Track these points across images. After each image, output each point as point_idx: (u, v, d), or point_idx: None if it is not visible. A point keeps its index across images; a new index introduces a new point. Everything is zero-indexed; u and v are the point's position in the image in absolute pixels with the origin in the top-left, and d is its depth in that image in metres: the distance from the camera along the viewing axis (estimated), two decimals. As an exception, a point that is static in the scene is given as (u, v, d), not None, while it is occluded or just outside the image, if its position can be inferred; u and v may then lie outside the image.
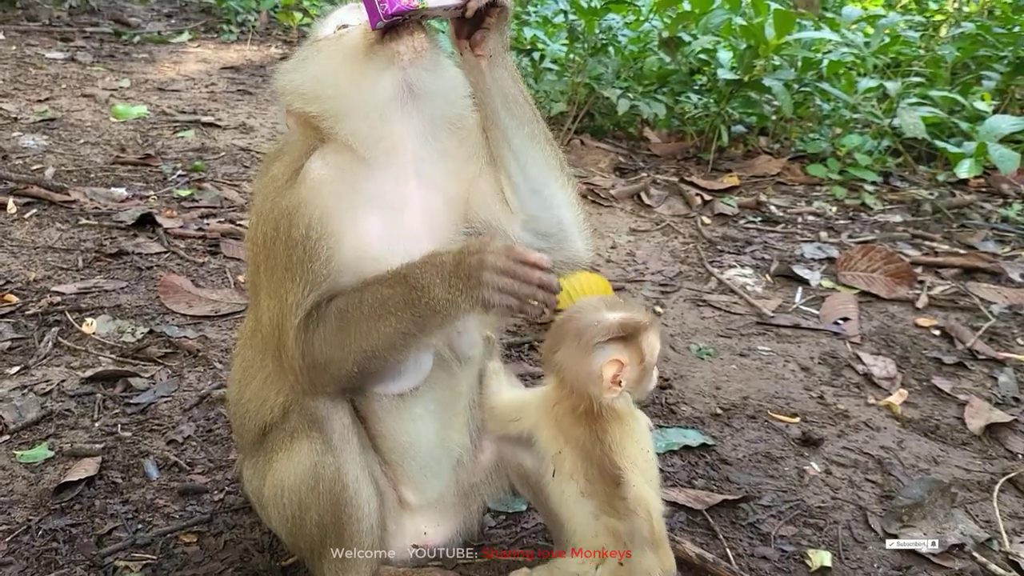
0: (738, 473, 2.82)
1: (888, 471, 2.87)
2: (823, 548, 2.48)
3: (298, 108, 1.91)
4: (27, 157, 5.17)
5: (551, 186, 1.98)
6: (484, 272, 1.70)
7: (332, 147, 1.89)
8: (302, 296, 1.83)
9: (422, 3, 1.74)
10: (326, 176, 1.87)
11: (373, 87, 1.83)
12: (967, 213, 5.40)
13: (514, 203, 1.97)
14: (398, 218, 1.91)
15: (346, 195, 1.87)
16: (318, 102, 1.87)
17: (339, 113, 1.86)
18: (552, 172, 1.98)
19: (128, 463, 2.67)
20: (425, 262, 1.77)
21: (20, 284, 3.68)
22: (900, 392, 3.35)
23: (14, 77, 6.89)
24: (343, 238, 1.86)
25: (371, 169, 1.89)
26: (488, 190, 1.98)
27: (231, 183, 5.15)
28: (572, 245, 2.02)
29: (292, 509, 1.94)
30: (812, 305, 4.11)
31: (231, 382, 2.14)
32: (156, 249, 4.15)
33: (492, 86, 1.89)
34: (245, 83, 7.59)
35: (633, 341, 1.83)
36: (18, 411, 2.85)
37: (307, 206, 1.84)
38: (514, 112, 1.93)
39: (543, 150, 1.97)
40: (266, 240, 1.91)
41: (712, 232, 5.03)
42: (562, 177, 2.00)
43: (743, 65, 5.84)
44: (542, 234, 1.99)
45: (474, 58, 1.86)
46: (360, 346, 1.80)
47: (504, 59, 1.89)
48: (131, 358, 3.24)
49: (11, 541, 2.32)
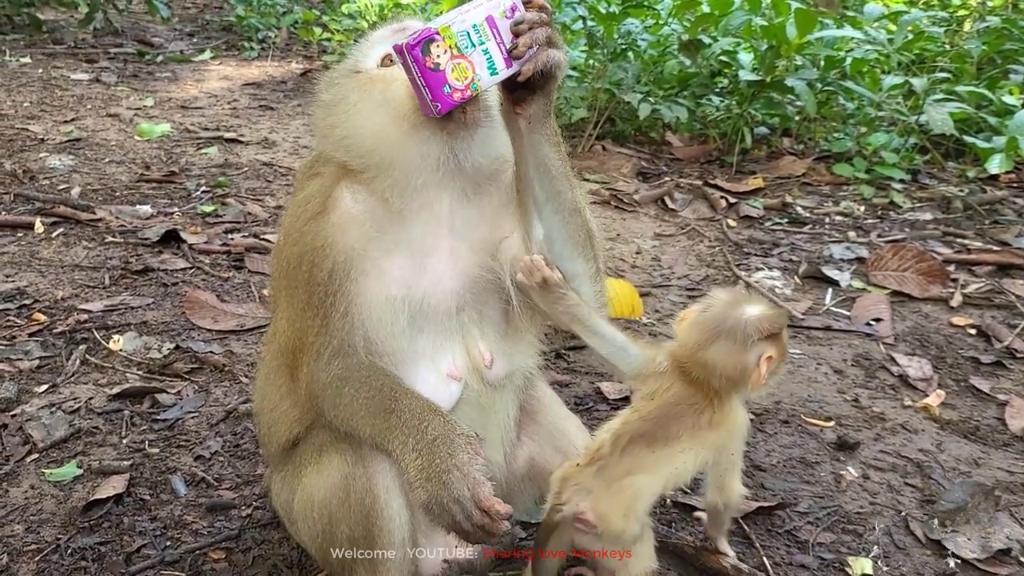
0: (773, 479, 2.76)
1: (928, 475, 2.80)
2: (863, 555, 2.41)
3: (336, 156, 1.90)
4: (54, 177, 5.22)
5: (574, 261, 1.96)
6: (446, 491, 1.70)
7: (364, 183, 1.88)
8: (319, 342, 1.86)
9: (475, 88, 1.70)
10: (355, 214, 1.87)
11: (419, 154, 1.82)
12: (999, 209, 5.29)
13: None
14: (424, 261, 1.91)
15: (374, 238, 1.87)
16: (358, 155, 1.86)
17: (379, 168, 1.85)
18: (576, 247, 1.95)
19: (156, 480, 2.67)
20: (421, 419, 1.78)
21: (48, 303, 3.70)
22: (937, 393, 3.27)
23: (40, 99, 6.98)
24: (366, 280, 1.87)
25: (403, 217, 1.88)
26: (517, 241, 1.95)
27: (254, 198, 5.17)
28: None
29: (322, 523, 1.91)
30: (843, 306, 4.04)
31: (256, 392, 2.13)
32: (181, 265, 4.16)
33: (528, 149, 1.85)
34: (267, 99, 7.64)
35: (778, 337, 1.95)
36: (47, 429, 2.85)
37: (332, 247, 1.84)
38: (545, 182, 1.88)
39: (570, 222, 1.93)
40: (290, 267, 1.92)
41: (738, 235, 4.96)
42: (587, 249, 1.96)
43: (765, 66, 5.77)
44: None
45: (514, 117, 1.81)
46: (344, 418, 1.86)
47: (544, 124, 1.83)
48: (158, 374, 3.24)
49: (40, 560, 2.31)
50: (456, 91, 1.69)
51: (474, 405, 1.99)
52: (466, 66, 1.68)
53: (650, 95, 6.14)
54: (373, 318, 1.86)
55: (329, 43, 9.36)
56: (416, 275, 1.89)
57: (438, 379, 1.93)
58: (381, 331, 1.87)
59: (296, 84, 8.20)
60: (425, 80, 1.67)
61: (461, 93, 1.69)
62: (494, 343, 2.00)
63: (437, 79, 1.67)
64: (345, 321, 1.84)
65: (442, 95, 1.68)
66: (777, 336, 1.95)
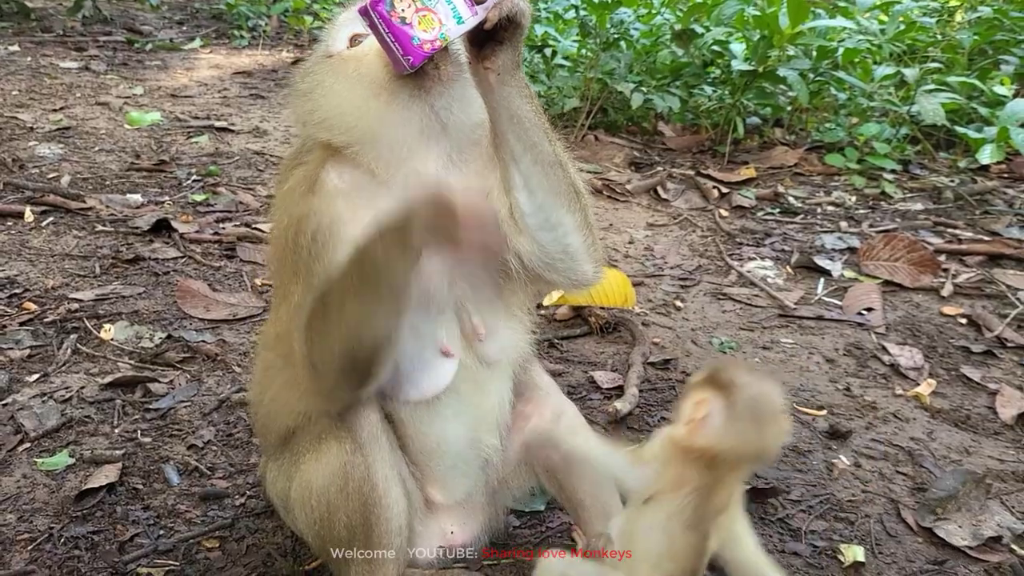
0: (765, 468, 2.77)
1: (919, 463, 2.82)
2: (855, 543, 2.43)
3: (320, 137, 1.89)
4: (43, 166, 5.18)
5: (558, 213, 1.89)
6: (414, 221, 1.62)
7: (349, 160, 1.88)
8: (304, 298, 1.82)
9: (444, 38, 1.69)
10: (342, 189, 1.87)
11: (402, 122, 1.81)
12: (990, 199, 5.31)
13: (522, 225, 1.90)
14: None
15: (360, 209, 1.85)
16: (343, 135, 1.85)
17: (363, 143, 1.84)
18: (559, 198, 1.88)
19: (149, 469, 2.66)
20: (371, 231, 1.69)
21: (38, 292, 3.68)
22: (928, 382, 3.29)
23: (29, 87, 6.92)
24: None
25: (389, 188, 1.87)
26: (501, 202, 1.91)
27: (246, 187, 5.14)
28: (579, 269, 1.96)
29: (320, 511, 1.91)
30: (835, 296, 4.05)
31: (253, 384, 2.12)
32: (172, 254, 4.14)
33: (500, 104, 1.80)
34: (258, 87, 7.59)
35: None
36: (38, 419, 2.84)
37: (317, 214, 1.84)
38: (520, 133, 1.83)
39: (551, 174, 1.87)
40: (278, 247, 1.93)
41: (730, 225, 4.97)
42: (572, 201, 1.91)
43: (757, 56, 5.77)
44: (548, 256, 1.93)
45: (483, 71, 1.77)
46: (340, 332, 1.75)
47: (515, 76, 1.80)
48: (150, 363, 3.22)
49: (33, 549, 2.30)
50: (426, 43, 1.69)
51: (470, 383, 1.98)
52: (432, 18, 1.68)
53: (643, 85, 6.13)
54: None
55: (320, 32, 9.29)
56: None
57: (433, 355, 1.93)
58: None
59: (287, 73, 8.13)
60: (394, 35, 1.68)
61: (431, 44, 1.69)
62: (487, 317, 1.98)
63: (405, 34, 1.68)
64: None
65: (413, 48, 1.69)
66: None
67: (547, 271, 1.94)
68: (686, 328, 3.73)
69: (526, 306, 2.11)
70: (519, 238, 1.91)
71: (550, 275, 1.96)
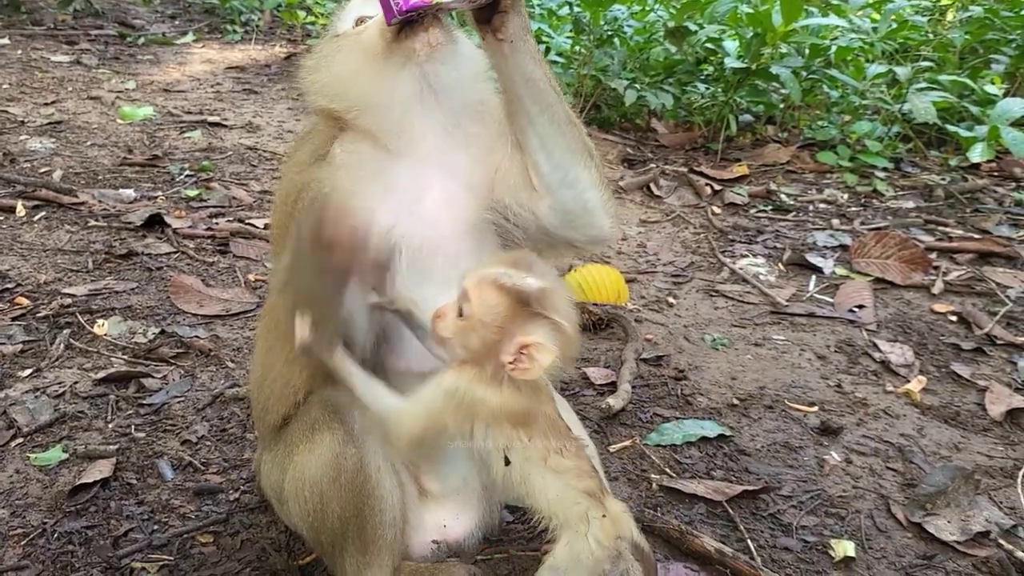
0: (757, 464, 2.79)
1: (909, 459, 2.84)
2: (846, 538, 2.45)
3: (323, 105, 2.00)
4: (35, 160, 5.16)
5: (575, 169, 1.98)
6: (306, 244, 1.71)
7: (354, 135, 1.98)
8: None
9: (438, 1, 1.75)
10: (346, 162, 1.95)
11: (392, 86, 1.89)
12: (980, 198, 5.35)
13: (539, 185, 1.98)
14: (416, 206, 1.94)
15: (364, 181, 1.93)
16: (341, 100, 1.96)
17: (362, 108, 1.94)
18: (576, 154, 1.98)
19: (143, 464, 2.66)
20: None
21: (31, 287, 3.67)
22: (918, 379, 3.31)
23: (20, 81, 6.89)
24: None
25: (392, 158, 1.95)
26: (513, 173, 1.98)
27: (239, 182, 5.13)
28: (598, 224, 2.04)
29: (313, 502, 1.92)
30: (826, 293, 4.07)
31: (253, 365, 2.13)
32: (165, 249, 4.14)
33: (514, 71, 1.88)
34: (251, 82, 7.57)
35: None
36: (31, 414, 2.84)
37: (318, 184, 1.92)
38: (536, 96, 1.91)
39: (566, 133, 1.96)
40: (278, 215, 2.02)
41: (723, 222, 4.99)
42: (586, 158, 2.00)
43: (750, 53, 5.79)
44: (569, 214, 2.00)
45: (496, 42, 1.85)
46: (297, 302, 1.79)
47: (526, 42, 1.87)
48: (143, 359, 3.22)
49: (27, 544, 2.30)
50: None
51: None
52: None
53: (636, 82, 6.14)
54: None
55: (313, 27, 9.28)
56: (411, 219, 1.92)
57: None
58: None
59: (280, 68, 8.13)
60: None
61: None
62: None
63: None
64: None
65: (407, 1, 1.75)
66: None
67: (568, 229, 2.02)
68: (679, 325, 3.75)
69: None
70: (538, 202, 1.99)
71: (570, 233, 2.04)
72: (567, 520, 1.72)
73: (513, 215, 2.01)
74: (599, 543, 1.70)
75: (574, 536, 1.71)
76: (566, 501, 1.73)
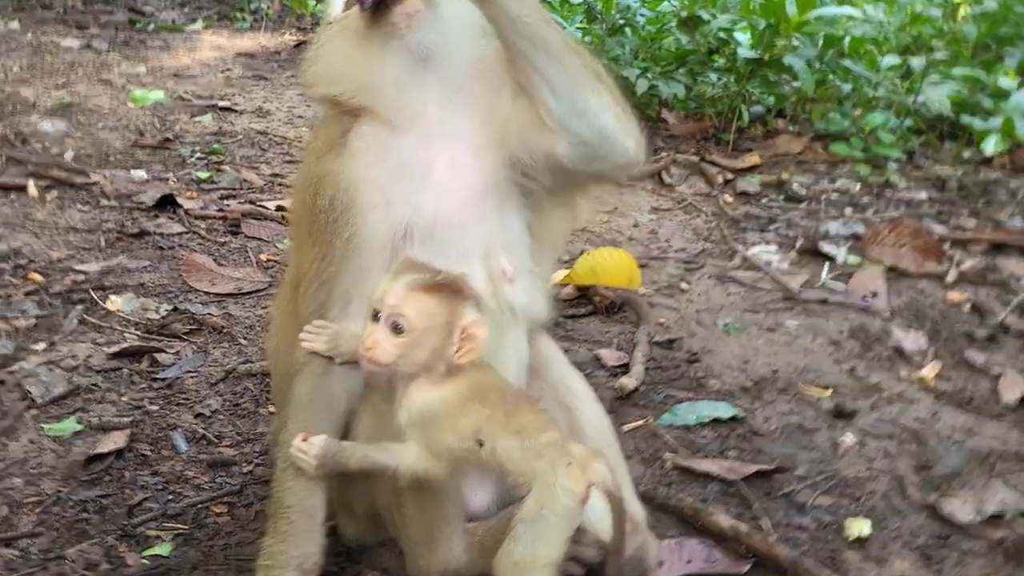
0: (771, 445, 2.79)
1: (924, 442, 2.83)
2: (861, 517, 2.43)
3: (324, 93, 2.01)
4: (46, 141, 5.16)
5: (583, 96, 1.86)
6: None
7: (364, 119, 1.95)
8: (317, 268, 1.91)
9: None
10: (357, 148, 1.93)
11: (381, 64, 1.89)
12: (993, 190, 5.32)
13: (552, 124, 1.87)
14: (425, 179, 1.92)
15: (375, 166, 1.91)
16: (338, 85, 1.96)
17: (359, 91, 1.93)
18: (580, 82, 1.87)
19: (156, 436, 2.66)
20: None
21: (43, 263, 3.67)
22: (932, 365, 3.30)
23: (31, 64, 6.88)
24: (372, 210, 1.90)
25: (398, 135, 1.92)
26: (525, 120, 1.90)
27: (250, 165, 5.14)
28: (620, 147, 1.92)
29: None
30: (839, 281, 4.06)
31: (270, 334, 2.14)
32: (177, 229, 4.14)
33: (498, 14, 1.80)
34: (260, 69, 7.57)
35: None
36: (45, 386, 2.83)
37: (334, 176, 1.91)
38: (527, 33, 1.81)
39: (566, 62, 1.85)
40: (298, 203, 2.04)
41: (734, 210, 4.98)
42: (593, 83, 1.89)
43: (763, 44, 5.76)
44: (586, 145, 1.90)
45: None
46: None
47: None
48: (156, 334, 3.22)
49: (41, 512, 2.30)
50: None
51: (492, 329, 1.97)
52: None
53: (648, 71, 6.13)
54: (377, 248, 1.89)
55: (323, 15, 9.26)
56: (420, 195, 1.90)
57: None
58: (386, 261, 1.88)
59: (290, 55, 8.11)
60: None
61: None
62: (517, 257, 1.97)
63: None
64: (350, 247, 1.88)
65: None
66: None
67: (592, 162, 1.92)
68: (691, 310, 3.74)
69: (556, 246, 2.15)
70: (555, 142, 1.89)
71: (595, 165, 1.94)
72: (533, 473, 1.73)
73: (531, 166, 1.93)
74: (567, 490, 1.70)
75: (541, 487, 1.72)
76: (529, 455, 1.74)
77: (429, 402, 1.79)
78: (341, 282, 1.93)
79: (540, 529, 1.72)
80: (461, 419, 1.77)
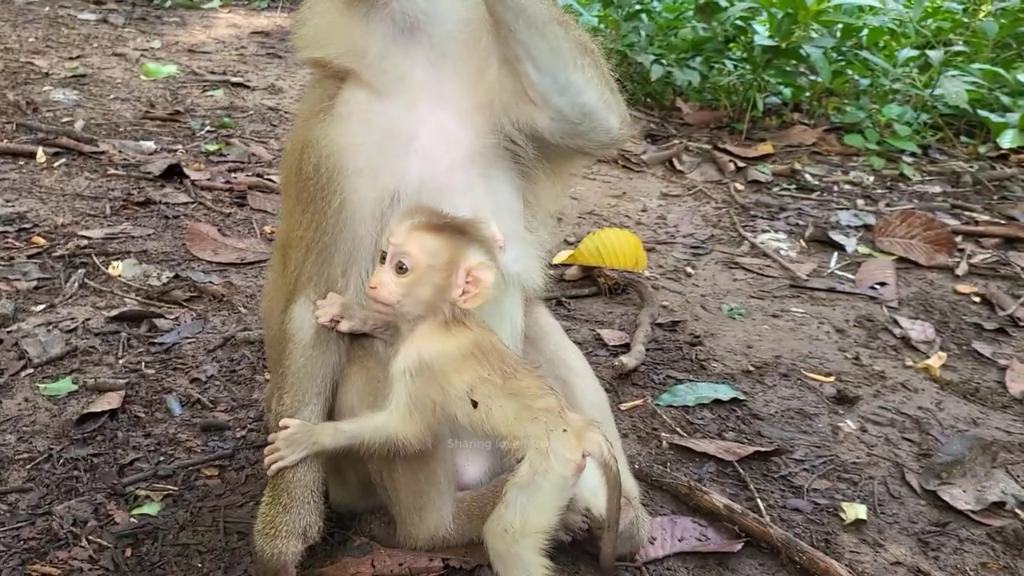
0: (770, 428, 2.75)
1: (926, 431, 2.79)
2: (858, 502, 2.40)
3: (311, 55, 1.98)
4: (57, 110, 5.17)
5: (565, 72, 1.80)
6: None
7: (350, 84, 1.93)
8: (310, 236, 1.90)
9: None
10: (342, 113, 1.91)
11: (365, 31, 1.86)
12: (1007, 186, 5.26)
13: (534, 97, 1.83)
14: (411, 145, 1.89)
15: (360, 132, 1.89)
16: (324, 48, 1.94)
17: (345, 55, 1.91)
18: (563, 56, 1.80)
19: (151, 399, 2.65)
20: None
21: (48, 228, 3.67)
22: (939, 355, 3.25)
23: (46, 35, 6.90)
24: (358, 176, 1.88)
25: (384, 101, 1.90)
26: (509, 90, 1.85)
27: (259, 140, 5.12)
28: (603, 125, 1.88)
29: None
30: (848, 270, 4.01)
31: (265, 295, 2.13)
32: (183, 199, 4.13)
33: None
34: (275, 47, 7.55)
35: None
36: (42, 346, 2.83)
37: (320, 142, 1.89)
38: (511, 3, 1.75)
39: (548, 34, 1.78)
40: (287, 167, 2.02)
41: (745, 198, 4.93)
42: (577, 58, 1.82)
43: (781, 32, 5.69)
44: (568, 122, 1.85)
45: None
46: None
47: None
48: (156, 300, 3.22)
49: (32, 468, 2.30)
50: None
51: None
52: None
53: (663, 58, 6.07)
54: (367, 216, 1.86)
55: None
56: (407, 161, 1.87)
57: None
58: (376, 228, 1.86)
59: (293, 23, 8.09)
60: None
61: None
62: (507, 224, 1.93)
63: None
64: (341, 216, 1.86)
65: None
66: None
67: (571, 138, 1.88)
68: (696, 294, 3.70)
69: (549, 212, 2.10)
70: (537, 115, 1.85)
71: (576, 142, 1.90)
72: (528, 438, 1.71)
73: (515, 134, 1.89)
74: (562, 457, 1.69)
75: (535, 453, 1.70)
76: (525, 419, 1.72)
77: (430, 350, 1.76)
78: (338, 251, 1.91)
79: (532, 496, 1.70)
80: (456, 375, 1.75)
